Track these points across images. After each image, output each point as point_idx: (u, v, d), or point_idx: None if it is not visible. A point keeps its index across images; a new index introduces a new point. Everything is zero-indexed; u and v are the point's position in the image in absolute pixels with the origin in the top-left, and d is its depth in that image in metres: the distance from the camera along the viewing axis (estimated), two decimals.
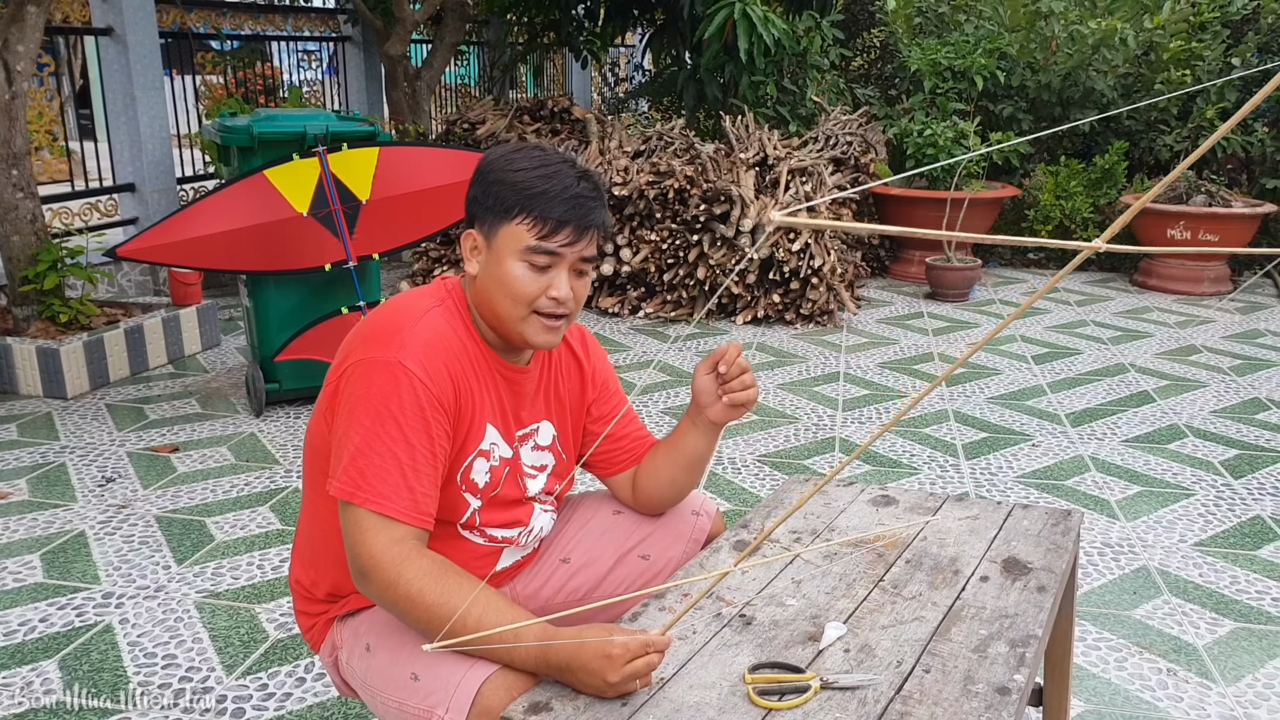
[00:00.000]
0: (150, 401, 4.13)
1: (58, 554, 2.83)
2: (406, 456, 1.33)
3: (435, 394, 1.36)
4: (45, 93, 6.21)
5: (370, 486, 1.32)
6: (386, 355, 1.35)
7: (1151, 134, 7.33)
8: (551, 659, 1.24)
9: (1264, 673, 2.30)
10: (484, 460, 1.48)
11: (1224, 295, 6.43)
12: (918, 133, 6.66)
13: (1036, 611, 1.42)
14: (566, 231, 1.39)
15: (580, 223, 1.40)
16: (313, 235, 3.75)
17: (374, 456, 1.32)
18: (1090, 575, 2.75)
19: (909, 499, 1.82)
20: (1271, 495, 3.30)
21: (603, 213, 1.45)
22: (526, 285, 1.40)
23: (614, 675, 1.19)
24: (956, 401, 4.24)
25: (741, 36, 6.10)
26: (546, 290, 1.40)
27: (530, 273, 1.40)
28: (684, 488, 1.67)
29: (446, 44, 7.48)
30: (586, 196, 1.41)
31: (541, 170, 1.40)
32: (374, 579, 1.31)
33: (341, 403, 1.38)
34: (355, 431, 1.34)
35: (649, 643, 1.22)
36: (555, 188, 1.39)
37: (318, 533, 1.52)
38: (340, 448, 1.35)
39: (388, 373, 1.34)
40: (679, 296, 5.61)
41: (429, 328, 1.40)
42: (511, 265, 1.40)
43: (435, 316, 1.42)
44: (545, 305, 1.41)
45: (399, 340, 1.37)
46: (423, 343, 1.38)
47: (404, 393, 1.34)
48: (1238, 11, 7.20)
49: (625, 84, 11.13)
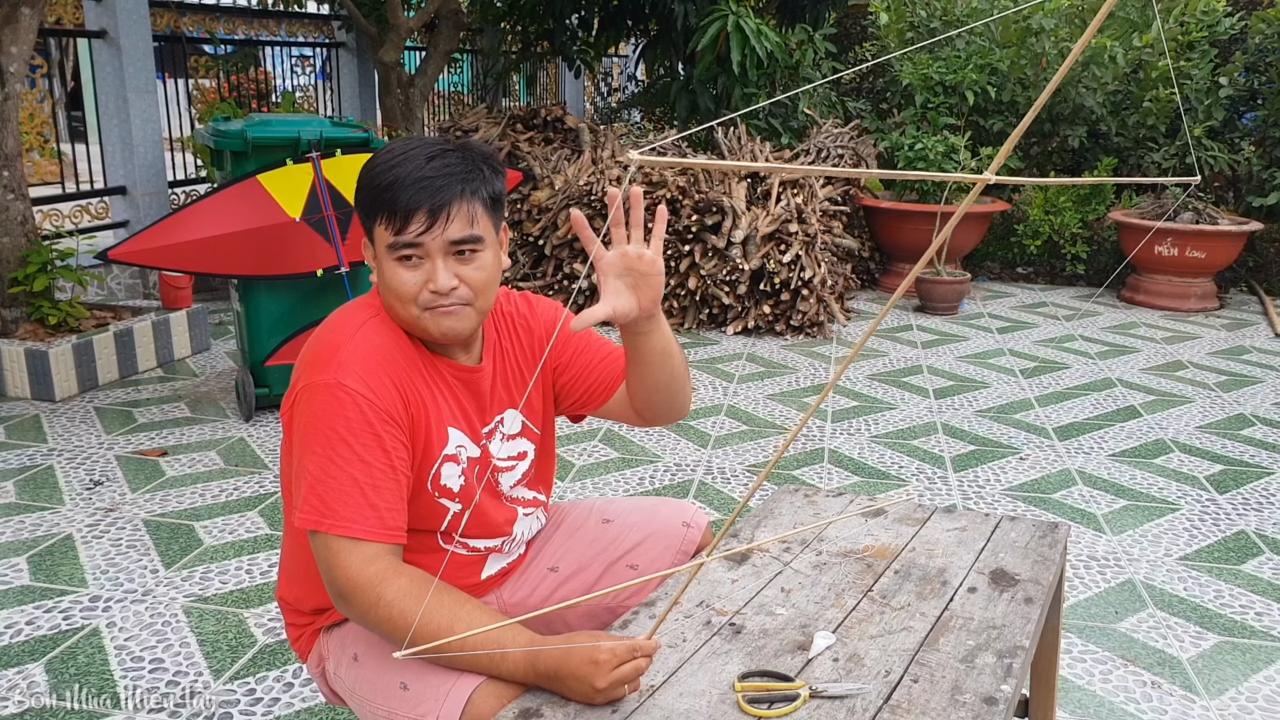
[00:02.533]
0: (139, 405, 4.12)
1: (45, 557, 2.81)
2: (364, 475, 1.31)
3: (382, 407, 1.34)
4: (37, 94, 6.19)
5: (334, 512, 1.30)
6: (325, 378, 1.33)
7: (1140, 151, 7.40)
8: (539, 667, 1.24)
9: (1247, 686, 2.32)
10: (454, 465, 1.46)
11: (1210, 311, 6.48)
12: (909, 146, 6.71)
13: (1023, 623, 1.43)
14: (418, 218, 1.32)
15: (431, 204, 1.32)
16: (305, 240, 3.75)
17: (331, 481, 1.30)
18: (1076, 588, 2.77)
19: (898, 510, 1.84)
20: (1256, 510, 3.33)
21: (467, 184, 1.34)
22: (405, 284, 1.35)
23: (601, 681, 1.19)
24: (945, 414, 4.26)
25: (734, 49, 6.14)
26: (425, 284, 1.35)
27: (405, 270, 1.35)
28: (672, 383, 1.55)
29: (440, 51, 7.49)
30: (436, 176, 1.32)
31: (391, 161, 1.34)
32: (354, 602, 1.30)
33: (294, 433, 1.37)
34: (310, 460, 1.32)
35: (636, 648, 1.22)
36: (401, 175, 1.32)
37: (300, 552, 1.51)
38: (299, 478, 1.34)
39: (329, 395, 1.32)
40: (670, 306, 5.63)
41: (365, 341, 1.37)
42: (387, 267, 1.36)
43: (370, 330, 1.39)
44: (427, 299, 1.35)
45: (336, 361, 1.34)
46: (359, 358, 1.35)
47: (349, 412, 1.31)
48: (1225, 31, 7.28)
49: (618, 94, 11.17)
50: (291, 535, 1.54)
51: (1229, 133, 7.30)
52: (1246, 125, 7.32)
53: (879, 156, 7.29)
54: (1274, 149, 6.98)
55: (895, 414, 4.25)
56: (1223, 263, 6.55)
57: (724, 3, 6.35)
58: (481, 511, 1.52)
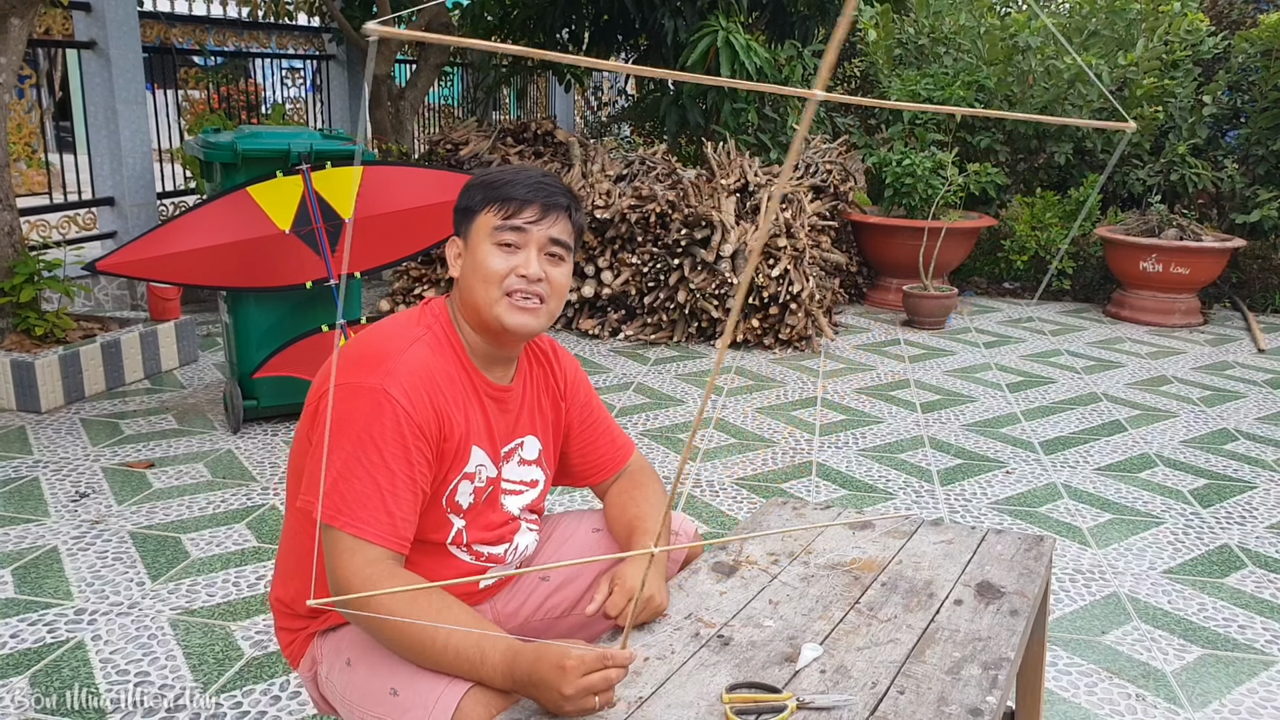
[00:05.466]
0: (126, 417, 4.10)
1: (29, 569, 2.80)
2: (387, 482, 1.35)
3: (418, 422, 1.39)
4: (25, 105, 6.18)
5: (350, 510, 1.34)
6: (371, 382, 1.38)
7: (1125, 168, 7.47)
8: (516, 673, 1.25)
9: (1230, 699, 2.33)
10: (469, 482, 1.51)
11: (1194, 327, 6.54)
12: (896, 162, 6.76)
13: (1009, 635, 1.44)
14: (531, 209, 1.46)
15: (545, 201, 1.47)
16: (294, 252, 3.75)
17: (355, 481, 1.35)
18: (1062, 601, 2.78)
19: (885, 523, 1.85)
20: (1239, 524, 3.35)
21: (570, 203, 1.50)
22: (496, 265, 1.45)
23: (568, 687, 1.19)
24: (932, 428, 4.28)
25: (724, 64, 6.18)
26: (516, 269, 1.45)
27: (500, 253, 1.46)
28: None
29: (431, 65, 7.52)
30: (551, 184, 1.49)
31: (509, 170, 1.51)
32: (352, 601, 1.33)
33: (323, 426, 1.39)
34: (338, 456, 1.36)
35: (607, 656, 1.21)
36: (520, 177, 1.48)
37: (299, 549, 1.52)
38: (319, 470, 1.37)
39: (372, 399, 1.37)
40: (659, 319, 5.65)
41: (415, 357, 1.43)
42: (483, 250, 1.46)
43: (422, 347, 1.45)
44: (515, 284, 1.45)
45: (385, 368, 1.39)
46: (408, 371, 1.40)
47: (386, 420, 1.36)
48: (1209, 51, 7.37)
49: (608, 108, 11.22)
50: (291, 533, 1.55)
51: (1212, 150, 7.39)
52: (1230, 143, 7.41)
53: (867, 172, 7.35)
54: (1257, 167, 7.07)
55: (883, 428, 4.27)
56: (1207, 279, 6.61)
57: (713, 18, 6.40)
58: (487, 521, 1.56)
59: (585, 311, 5.82)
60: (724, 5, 6.61)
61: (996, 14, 8.11)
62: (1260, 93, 6.97)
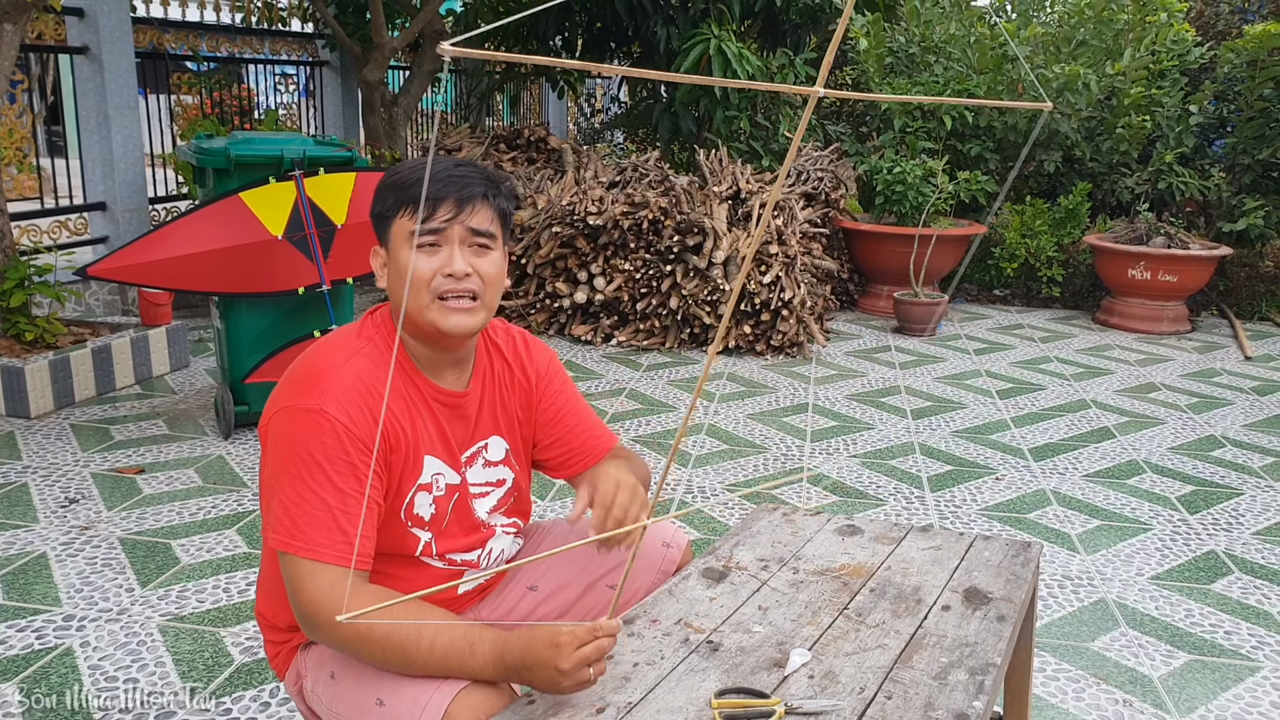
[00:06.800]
0: (116, 422, 4.09)
1: (18, 575, 2.79)
2: (337, 501, 1.34)
3: (360, 437, 1.36)
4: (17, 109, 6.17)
5: (304, 534, 1.32)
6: (307, 403, 1.36)
7: (1114, 176, 7.52)
8: (508, 658, 1.26)
9: (1216, 704, 2.35)
10: (425, 494, 1.48)
11: (1182, 334, 6.58)
12: (887, 170, 6.79)
13: (996, 640, 1.46)
14: (445, 206, 1.40)
15: (459, 195, 1.41)
16: (287, 258, 3.76)
17: (304, 505, 1.33)
18: (1050, 607, 2.80)
19: (874, 529, 1.86)
20: (1225, 530, 3.38)
21: (488, 189, 1.44)
22: (420, 268, 1.40)
23: (565, 662, 1.20)
24: (922, 434, 4.30)
25: (716, 72, 6.21)
26: (440, 269, 1.41)
27: (422, 255, 1.41)
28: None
29: (424, 71, 7.53)
30: (464, 174, 1.43)
31: (417, 165, 1.45)
32: (319, 625, 1.32)
33: (269, 454, 1.39)
34: (285, 482, 1.34)
35: (597, 628, 1.23)
36: (432, 173, 1.41)
37: (276, 568, 1.52)
38: (271, 497, 1.36)
39: (309, 420, 1.35)
40: (651, 325, 5.66)
41: (351, 372, 1.40)
42: (404, 255, 1.42)
43: (360, 359, 1.42)
44: (443, 285, 1.41)
45: (321, 387, 1.37)
46: (344, 387, 1.38)
47: (327, 439, 1.34)
48: (1195, 61, 7.43)
49: (601, 115, 11.24)
50: (270, 551, 1.54)
51: (1199, 159, 7.44)
52: (1216, 152, 7.46)
53: (859, 179, 7.38)
54: (1243, 175, 7.12)
55: (873, 434, 4.29)
56: (1194, 286, 6.66)
57: (706, 26, 6.43)
58: (458, 530, 1.54)
59: (578, 317, 5.84)
60: (716, 13, 6.65)
61: (986, 23, 8.16)
62: (1246, 102, 7.03)
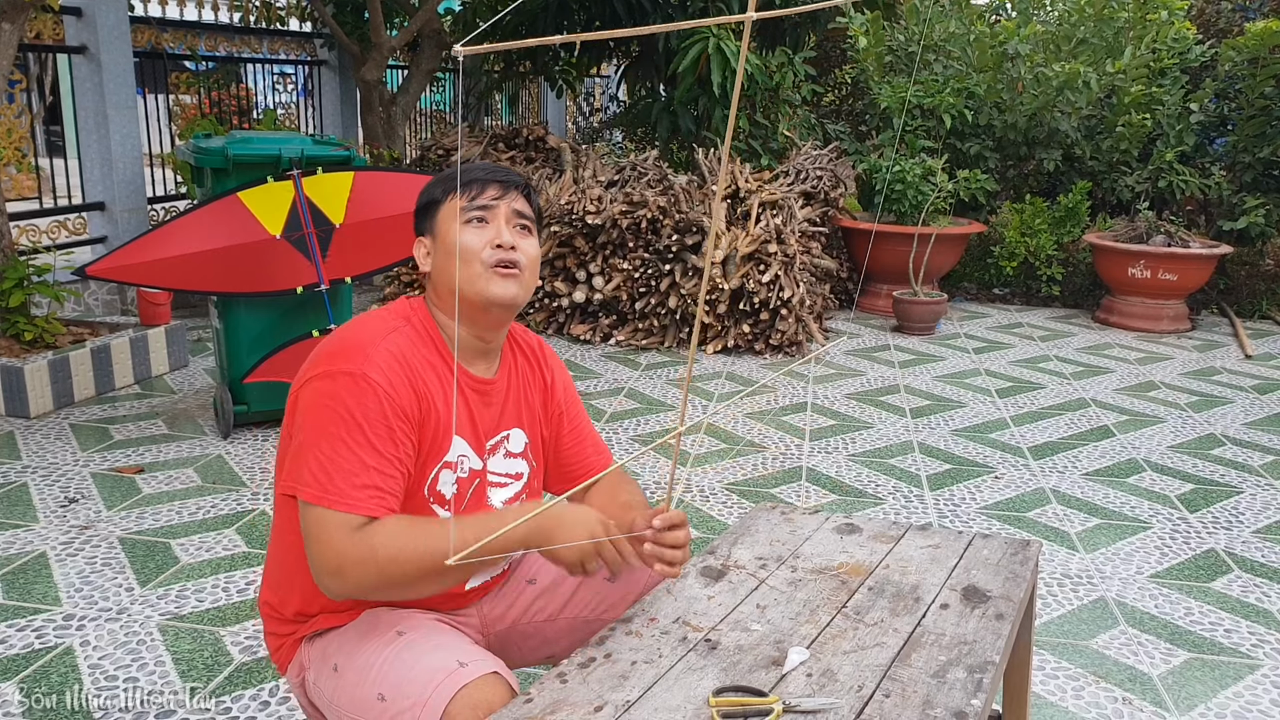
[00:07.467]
0: (115, 422, 4.09)
1: (18, 575, 2.79)
2: (374, 461, 1.38)
3: (400, 404, 1.41)
4: (15, 109, 6.17)
5: (337, 489, 1.35)
6: (351, 367, 1.40)
7: (1114, 174, 7.52)
8: (544, 522, 1.38)
9: (1216, 703, 2.35)
10: (450, 472, 1.51)
11: (1182, 333, 6.58)
12: (887, 168, 6.79)
13: (994, 639, 1.46)
14: (492, 188, 1.53)
15: (503, 180, 1.54)
16: (285, 258, 3.75)
17: (340, 461, 1.36)
18: (1050, 606, 2.80)
19: (873, 528, 1.86)
20: (1225, 529, 3.38)
21: (526, 185, 1.58)
22: (472, 241, 1.50)
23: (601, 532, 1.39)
24: (921, 433, 4.30)
25: (715, 71, 6.20)
26: (490, 241, 1.50)
27: (472, 230, 1.51)
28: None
29: (422, 70, 7.53)
30: (505, 169, 1.58)
31: (462, 166, 1.56)
32: (348, 569, 1.33)
33: (302, 416, 1.40)
34: (323, 439, 1.37)
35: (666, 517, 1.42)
36: (473, 166, 1.56)
37: (286, 556, 1.52)
38: (304, 453, 1.37)
39: (352, 383, 1.39)
40: (650, 325, 5.66)
41: (394, 344, 1.46)
42: (453, 235, 1.51)
43: (400, 335, 1.48)
44: (493, 255, 1.49)
45: (363, 355, 1.42)
46: (387, 356, 1.43)
47: (369, 402, 1.39)
48: (1196, 59, 7.43)
49: (600, 114, 11.24)
50: (279, 539, 1.55)
51: (1200, 158, 7.44)
52: (1217, 150, 7.46)
53: (858, 178, 7.38)
54: (1243, 174, 7.12)
55: (872, 433, 4.29)
56: (1194, 285, 6.66)
57: None
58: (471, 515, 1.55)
59: (577, 316, 5.83)
60: (715, 12, 6.64)
61: (986, 22, 8.16)
62: (1246, 100, 7.03)
